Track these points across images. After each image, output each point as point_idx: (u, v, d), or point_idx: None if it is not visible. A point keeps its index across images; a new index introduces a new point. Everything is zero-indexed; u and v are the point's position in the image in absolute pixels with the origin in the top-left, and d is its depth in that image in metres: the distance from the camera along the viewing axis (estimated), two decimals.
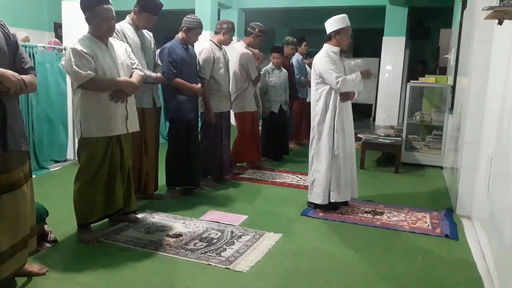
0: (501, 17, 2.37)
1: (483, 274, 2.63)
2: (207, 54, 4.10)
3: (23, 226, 2.23)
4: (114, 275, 2.48)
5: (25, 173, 2.24)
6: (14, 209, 2.16)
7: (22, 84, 2.09)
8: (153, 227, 3.21)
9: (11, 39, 2.16)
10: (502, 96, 2.72)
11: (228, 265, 2.63)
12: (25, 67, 2.21)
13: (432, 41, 10.63)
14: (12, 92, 2.07)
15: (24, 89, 2.12)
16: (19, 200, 2.19)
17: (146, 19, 3.49)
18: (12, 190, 2.14)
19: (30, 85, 2.17)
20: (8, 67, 2.10)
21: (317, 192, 3.63)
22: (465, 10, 4.61)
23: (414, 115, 5.93)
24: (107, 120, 2.85)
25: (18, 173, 2.18)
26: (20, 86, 2.08)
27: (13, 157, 2.14)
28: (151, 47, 3.62)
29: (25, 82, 2.11)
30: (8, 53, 2.13)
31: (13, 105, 2.14)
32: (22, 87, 2.09)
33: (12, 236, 2.17)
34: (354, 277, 2.55)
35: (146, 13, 3.45)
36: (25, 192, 2.23)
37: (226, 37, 4.26)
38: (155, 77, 3.51)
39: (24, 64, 2.22)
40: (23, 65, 2.21)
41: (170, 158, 3.93)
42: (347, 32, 3.58)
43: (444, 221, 3.51)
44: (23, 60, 2.22)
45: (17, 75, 2.08)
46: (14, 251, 2.18)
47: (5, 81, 2.02)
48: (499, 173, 2.63)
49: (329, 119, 3.55)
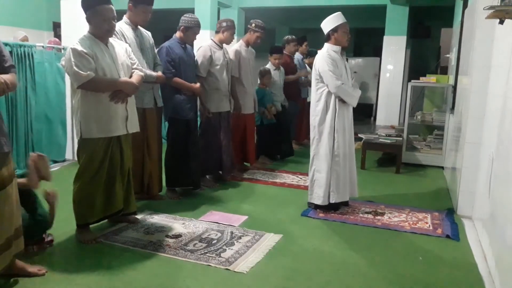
0: (502, 16, 2.36)
1: (484, 274, 2.62)
2: (204, 52, 4.09)
3: (6, 227, 2.20)
4: (113, 276, 2.46)
5: (9, 174, 2.20)
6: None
7: (5, 87, 2.06)
8: (153, 227, 3.19)
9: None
10: (504, 96, 2.71)
11: (228, 265, 2.61)
12: (5, 66, 2.18)
13: (433, 40, 10.62)
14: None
15: (7, 90, 2.09)
16: (2, 201, 2.15)
17: (142, 11, 3.45)
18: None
19: (12, 85, 2.14)
20: None
21: (317, 193, 3.61)
22: (466, 9, 4.60)
23: (415, 115, 5.91)
24: (107, 120, 2.84)
25: (2, 173, 2.15)
26: (3, 88, 2.05)
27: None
28: (149, 46, 3.61)
29: (7, 83, 2.08)
30: None
31: None
32: (4, 89, 2.06)
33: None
34: (355, 278, 2.54)
35: (140, 5, 3.42)
36: (9, 192, 2.19)
37: (226, 35, 4.22)
38: (156, 76, 3.48)
39: (5, 62, 2.18)
40: (4, 64, 2.18)
41: (169, 159, 3.91)
42: (344, 29, 3.57)
43: (445, 222, 3.49)
44: (3, 58, 2.18)
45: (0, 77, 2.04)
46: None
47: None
48: (501, 173, 2.61)
49: (330, 119, 3.53)
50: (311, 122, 3.66)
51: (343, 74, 3.58)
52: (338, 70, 3.53)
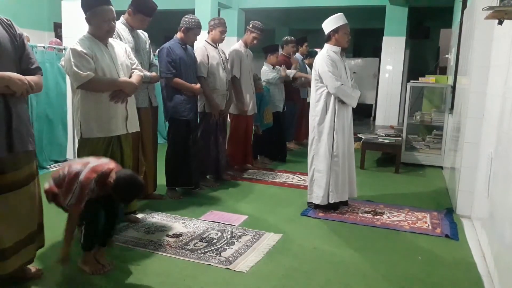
0: (501, 17, 2.37)
1: (483, 274, 2.63)
2: (200, 52, 4.11)
3: (29, 223, 2.25)
4: (113, 275, 2.47)
5: (31, 171, 2.25)
6: (20, 207, 2.18)
7: (28, 87, 2.09)
8: (153, 227, 3.21)
9: (17, 39, 2.15)
10: (502, 96, 2.72)
11: (228, 265, 2.63)
12: (31, 68, 2.21)
13: (432, 41, 10.64)
14: (18, 95, 2.07)
15: (30, 91, 2.13)
16: (25, 198, 2.21)
17: (140, 20, 3.48)
18: (18, 188, 2.16)
19: (36, 86, 2.17)
20: (13, 67, 2.10)
21: (317, 193, 3.63)
22: (465, 10, 4.61)
23: (414, 115, 5.92)
24: (107, 120, 2.85)
25: (25, 171, 2.19)
26: (26, 89, 2.08)
27: (20, 156, 2.15)
28: (145, 47, 3.62)
29: (31, 84, 2.11)
30: (14, 53, 2.12)
31: (19, 106, 2.13)
32: (28, 90, 2.10)
33: (17, 233, 2.17)
34: (354, 277, 2.55)
35: (140, 14, 3.44)
36: (31, 190, 2.25)
37: (215, 33, 4.22)
38: (150, 76, 3.51)
39: (31, 64, 2.22)
40: (30, 66, 2.21)
41: (170, 158, 3.92)
42: (345, 30, 3.58)
43: (444, 221, 3.50)
44: (30, 60, 2.22)
45: (23, 78, 2.08)
46: (19, 247, 2.19)
47: (12, 85, 2.02)
48: (499, 173, 2.63)
49: (329, 119, 3.55)
50: (310, 122, 3.67)
51: (343, 75, 3.59)
52: (337, 71, 3.54)
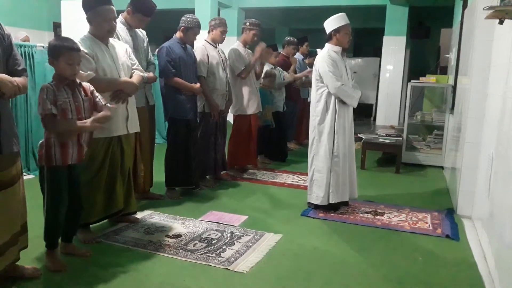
0: (501, 16, 2.36)
1: (484, 274, 2.62)
2: (200, 52, 4.10)
3: (14, 223, 2.23)
4: (113, 275, 2.46)
5: (17, 171, 2.24)
6: (5, 208, 2.16)
7: (17, 90, 2.08)
8: (153, 227, 3.20)
9: (5, 40, 2.13)
10: (503, 96, 2.71)
11: (228, 265, 2.62)
12: (18, 69, 2.19)
13: (433, 40, 10.63)
14: (7, 97, 2.06)
15: (18, 93, 2.11)
16: (10, 198, 2.19)
17: (139, 19, 3.48)
18: (3, 188, 2.14)
19: (23, 88, 2.16)
20: (1, 68, 2.08)
21: (317, 193, 3.62)
22: (466, 9, 4.60)
23: (415, 115, 5.92)
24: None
25: (10, 171, 2.18)
26: (15, 91, 2.07)
27: (6, 157, 2.14)
28: (143, 46, 3.62)
29: (19, 86, 2.10)
30: (2, 54, 2.10)
31: (6, 108, 2.13)
32: (17, 92, 2.08)
33: (3, 233, 2.16)
34: (355, 277, 2.54)
35: (139, 14, 3.45)
36: (16, 190, 2.23)
37: (215, 33, 4.21)
38: (147, 77, 3.49)
39: (17, 66, 2.19)
40: (17, 67, 2.19)
41: (169, 158, 3.92)
42: (346, 30, 3.57)
43: (445, 222, 3.49)
44: (16, 62, 2.19)
45: (13, 80, 2.06)
46: (4, 249, 2.18)
47: (3, 87, 2.01)
48: (500, 173, 2.62)
49: (330, 120, 3.54)
50: (311, 122, 3.66)
51: (344, 75, 3.58)
52: (338, 71, 3.53)
